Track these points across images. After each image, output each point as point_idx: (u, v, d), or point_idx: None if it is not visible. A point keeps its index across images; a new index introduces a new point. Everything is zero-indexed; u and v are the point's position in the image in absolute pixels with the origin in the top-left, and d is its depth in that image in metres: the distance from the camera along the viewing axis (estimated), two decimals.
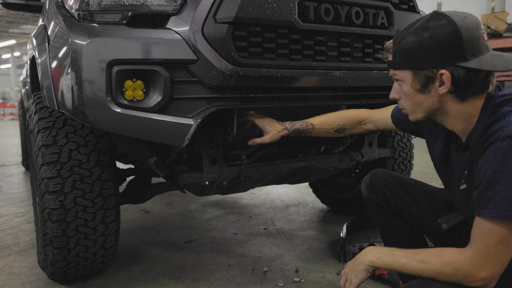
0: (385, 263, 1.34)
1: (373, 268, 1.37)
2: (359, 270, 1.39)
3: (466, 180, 1.35)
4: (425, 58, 1.24)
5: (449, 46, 1.21)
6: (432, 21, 1.24)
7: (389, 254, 1.34)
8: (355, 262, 1.42)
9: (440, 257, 1.24)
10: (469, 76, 1.21)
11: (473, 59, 1.20)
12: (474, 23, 1.23)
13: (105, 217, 1.94)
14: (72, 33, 1.65)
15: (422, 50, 1.24)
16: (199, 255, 2.52)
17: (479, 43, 1.22)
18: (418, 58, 1.25)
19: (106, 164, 1.91)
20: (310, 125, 1.93)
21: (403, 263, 1.29)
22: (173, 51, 1.62)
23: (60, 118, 1.90)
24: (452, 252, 1.24)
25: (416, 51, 1.25)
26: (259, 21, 1.69)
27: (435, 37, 1.22)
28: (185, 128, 1.64)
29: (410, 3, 2.19)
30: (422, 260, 1.26)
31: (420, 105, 1.33)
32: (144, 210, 3.59)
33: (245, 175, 2.09)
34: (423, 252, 1.30)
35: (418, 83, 1.29)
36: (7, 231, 3.07)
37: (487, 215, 1.16)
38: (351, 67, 1.96)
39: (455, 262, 1.21)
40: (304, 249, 2.58)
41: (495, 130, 1.20)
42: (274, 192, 4.14)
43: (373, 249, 1.40)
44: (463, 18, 1.23)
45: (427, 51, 1.23)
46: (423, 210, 1.67)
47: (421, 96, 1.30)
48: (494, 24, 9.00)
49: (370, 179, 1.79)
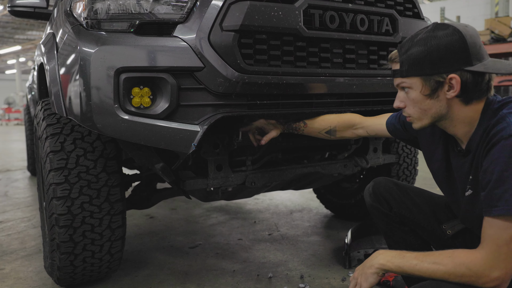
0: (395, 266, 1.33)
1: (383, 271, 1.36)
2: (369, 273, 1.38)
3: (472, 186, 1.36)
4: (435, 64, 1.29)
5: (456, 52, 1.27)
6: (437, 30, 1.30)
7: (400, 256, 1.34)
8: (365, 266, 1.41)
9: (452, 258, 1.24)
10: (475, 79, 1.28)
11: (478, 64, 1.27)
12: (475, 31, 1.31)
13: (112, 223, 1.95)
14: (81, 41, 1.68)
15: (432, 56, 1.29)
16: (203, 260, 2.53)
17: (481, 50, 1.29)
18: (427, 64, 1.30)
19: (112, 170, 1.93)
20: (303, 123, 2.01)
21: (414, 265, 1.29)
22: (179, 58, 1.64)
23: (67, 125, 1.92)
24: (464, 253, 1.24)
25: (425, 58, 1.30)
26: (265, 28, 1.71)
27: (443, 44, 1.28)
28: (192, 134, 1.65)
29: (415, 9, 2.21)
30: (434, 261, 1.26)
31: (428, 111, 1.36)
32: (148, 215, 3.61)
33: (250, 181, 2.10)
34: (435, 254, 1.30)
35: (428, 88, 1.33)
36: (13, 236, 3.09)
37: (498, 212, 1.17)
38: (356, 73, 1.98)
39: (468, 262, 1.21)
40: (309, 255, 2.59)
41: (497, 131, 1.23)
42: (278, 198, 4.15)
43: (383, 252, 1.40)
44: (464, 27, 1.30)
45: (436, 58, 1.29)
46: (427, 217, 1.68)
47: (429, 101, 1.34)
48: (498, 29, 9.01)
49: (373, 187, 1.80)
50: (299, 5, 1.78)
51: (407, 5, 2.17)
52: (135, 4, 1.69)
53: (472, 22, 11.59)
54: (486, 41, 8.98)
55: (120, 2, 1.69)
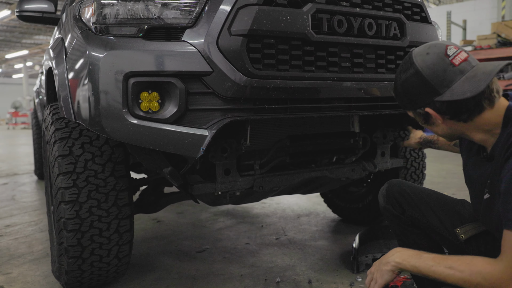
0: (411, 265, 1.34)
1: (399, 269, 1.37)
2: (385, 270, 1.39)
3: (489, 190, 1.36)
4: (412, 101, 1.39)
5: (420, 88, 1.34)
6: (402, 73, 1.39)
7: (417, 256, 1.35)
8: (381, 262, 1.42)
9: (470, 265, 1.23)
10: (452, 105, 1.30)
11: (446, 91, 1.28)
12: (437, 56, 1.31)
13: (120, 227, 1.95)
14: (90, 46, 1.68)
15: (407, 96, 1.39)
16: (211, 265, 2.53)
17: (447, 74, 1.28)
18: (407, 102, 1.41)
19: (120, 174, 1.94)
20: (436, 137, 2.11)
21: (430, 266, 1.29)
22: (188, 63, 1.64)
23: (76, 129, 1.93)
24: (482, 262, 1.24)
25: (404, 97, 1.41)
26: (273, 33, 1.71)
27: (408, 85, 1.37)
28: (200, 139, 1.65)
29: (422, 14, 2.20)
30: (451, 265, 1.26)
31: (438, 133, 1.44)
32: (155, 219, 3.61)
33: (258, 185, 2.10)
34: (452, 258, 1.29)
35: (421, 119, 1.42)
36: (20, 240, 3.10)
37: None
38: (364, 78, 1.97)
39: (485, 272, 1.20)
40: (317, 259, 2.58)
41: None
42: (285, 202, 4.14)
43: (401, 249, 1.41)
44: (424, 56, 1.33)
45: (410, 96, 1.38)
46: (440, 221, 1.67)
47: (431, 127, 1.43)
48: (505, 32, 8.98)
49: (387, 190, 1.80)
50: (307, 9, 1.78)
51: (415, 9, 2.17)
52: (143, 9, 1.69)
53: (478, 26, 11.61)
54: (492, 44, 8.95)
55: (128, 7, 1.70)
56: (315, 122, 2.36)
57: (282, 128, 2.27)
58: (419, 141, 2.24)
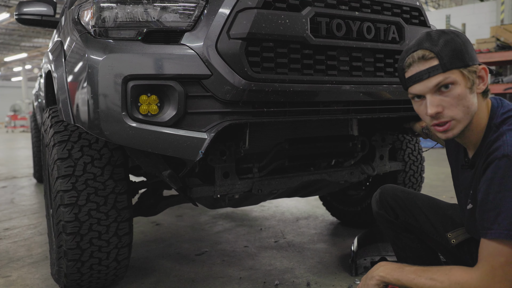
0: (394, 278, 1.36)
1: (384, 283, 1.39)
2: (371, 285, 1.41)
3: (472, 200, 1.37)
4: (471, 55, 1.28)
5: (468, 48, 1.29)
6: (447, 31, 1.30)
7: (399, 269, 1.37)
8: (367, 277, 1.45)
9: (449, 276, 1.26)
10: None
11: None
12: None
13: (119, 230, 1.95)
14: (89, 49, 1.69)
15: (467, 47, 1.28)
16: (210, 268, 2.53)
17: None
18: (466, 55, 1.27)
19: (120, 177, 1.94)
20: None
21: (412, 279, 1.32)
22: (187, 66, 1.65)
23: (75, 132, 1.93)
24: (460, 272, 1.26)
25: (463, 48, 1.27)
26: (272, 36, 1.71)
27: (454, 45, 1.27)
28: (199, 142, 1.66)
29: (421, 17, 2.21)
30: (431, 277, 1.28)
31: (470, 108, 1.29)
32: (155, 222, 3.61)
33: (257, 188, 2.10)
34: (433, 270, 1.32)
35: (469, 81, 1.28)
36: (19, 243, 3.09)
37: (493, 236, 1.19)
38: (362, 81, 1.98)
39: (463, 282, 1.23)
40: (315, 262, 2.58)
41: (493, 150, 1.23)
42: (284, 205, 4.14)
43: (384, 264, 1.43)
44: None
45: (470, 49, 1.28)
46: (433, 226, 1.68)
47: (470, 96, 1.29)
48: (504, 36, 9.00)
49: (380, 195, 1.80)
50: (306, 13, 1.79)
51: (414, 13, 2.18)
52: (142, 12, 1.70)
53: (477, 30, 11.62)
54: (491, 48, 8.97)
55: (127, 10, 1.70)
56: (314, 125, 2.37)
57: (281, 131, 2.27)
58: (423, 126, 2.17)
